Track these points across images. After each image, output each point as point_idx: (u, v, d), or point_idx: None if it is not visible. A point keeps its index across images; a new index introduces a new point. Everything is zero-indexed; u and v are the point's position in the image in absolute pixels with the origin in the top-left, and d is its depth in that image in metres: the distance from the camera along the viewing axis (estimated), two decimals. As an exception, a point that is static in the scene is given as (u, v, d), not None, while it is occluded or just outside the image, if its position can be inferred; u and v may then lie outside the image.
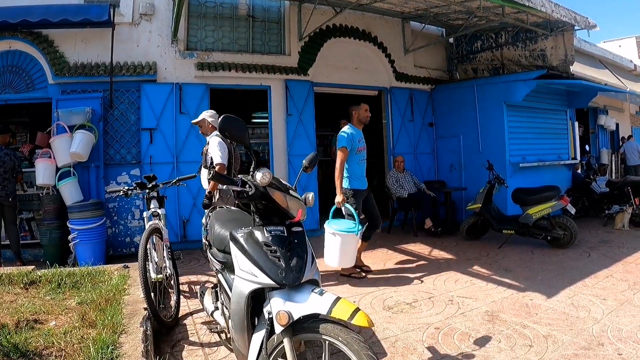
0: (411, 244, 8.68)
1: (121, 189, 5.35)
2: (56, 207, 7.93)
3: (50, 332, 3.60)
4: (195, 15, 9.39)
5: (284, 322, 2.38)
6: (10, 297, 4.68)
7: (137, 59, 8.77)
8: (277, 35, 10.11)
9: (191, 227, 8.79)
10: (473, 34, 11.56)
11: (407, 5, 9.74)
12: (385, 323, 4.61)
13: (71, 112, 8.02)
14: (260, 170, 2.57)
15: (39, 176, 7.80)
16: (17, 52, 8.37)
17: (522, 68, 10.75)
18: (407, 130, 11.31)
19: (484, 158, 9.30)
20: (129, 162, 8.60)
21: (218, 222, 3.47)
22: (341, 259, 5.97)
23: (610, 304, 5.00)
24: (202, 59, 9.18)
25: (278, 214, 2.72)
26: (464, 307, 5.06)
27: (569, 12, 8.43)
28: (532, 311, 4.85)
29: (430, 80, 11.92)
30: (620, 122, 16.96)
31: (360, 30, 10.83)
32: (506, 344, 4.00)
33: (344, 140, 6.54)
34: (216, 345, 4.12)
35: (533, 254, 7.59)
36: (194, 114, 8.71)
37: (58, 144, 7.87)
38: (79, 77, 8.28)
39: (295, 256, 2.60)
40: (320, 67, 10.22)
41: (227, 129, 2.62)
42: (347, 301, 2.43)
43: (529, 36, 10.39)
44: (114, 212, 8.52)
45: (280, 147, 9.74)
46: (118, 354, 3.20)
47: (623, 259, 7.01)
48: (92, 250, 7.59)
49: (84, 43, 8.57)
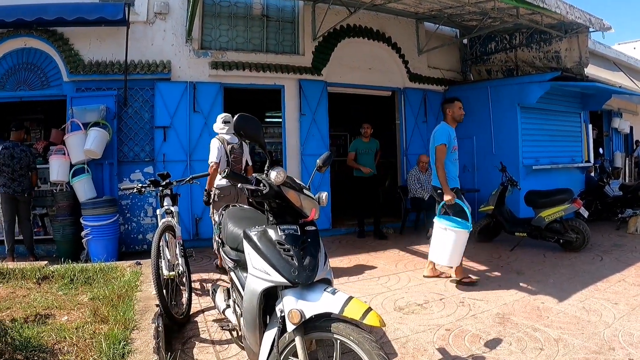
0: (423, 245, 8.62)
1: (135, 186, 5.38)
2: (70, 203, 7.99)
3: (62, 327, 3.64)
4: (210, 15, 9.43)
5: (296, 321, 2.38)
6: (23, 291, 4.73)
7: (152, 58, 8.83)
8: (291, 35, 10.13)
9: (204, 224, 8.83)
10: (487, 35, 11.50)
11: (421, 5, 9.71)
12: (396, 324, 4.61)
13: (86, 110, 8.09)
14: (275, 169, 2.58)
15: (53, 172, 7.88)
16: (32, 49, 8.45)
17: (536, 70, 10.69)
18: (421, 131, 11.27)
19: (497, 160, 9.25)
20: (143, 159, 8.66)
21: (231, 221, 3.49)
22: (452, 257, 5.81)
23: (622, 308, 4.96)
24: (216, 58, 9.22)
25: (292, 213, 2.72)
26: (475, 309, 5.05)
27: (583, 14, 8.37)
28: (544, 314, 4.82)
29: (444, 81, 11.88)
30: (634, 125, 16.79)
31: (374, 31, 10.82)
32: (517, 347, 3.98)
33: (444, 137, 6.14)
34: (227, 343, 4.14)
35: (545, 256, 7.55)
36: (208, 112, 8.80)
37: (72, 141, 7.94)
38: (94, 75, 8.35)
39: (309, 255, 2.61)
40: (334, 67, 10.22)
41: (242, 128, 2.63)
42: (359, 301, 2.43)
43: (543, 38, 10.33)
44: (126, 209, 8.58)
45: (293, 147, 9.77)
46: (130, 350, 3.23)
47: (636, 263, 6.95)
48: (104, 246, 7.65)
49: (99, 41, 8.63)
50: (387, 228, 10.51)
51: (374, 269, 7.05)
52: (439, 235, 5.87)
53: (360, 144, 9.59)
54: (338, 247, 8.70)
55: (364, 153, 9.46)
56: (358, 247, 8.67)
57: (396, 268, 7.06)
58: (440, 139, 6.12)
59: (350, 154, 9.50)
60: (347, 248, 8.67)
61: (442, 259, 5.88)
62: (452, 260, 5.86)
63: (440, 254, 5.86)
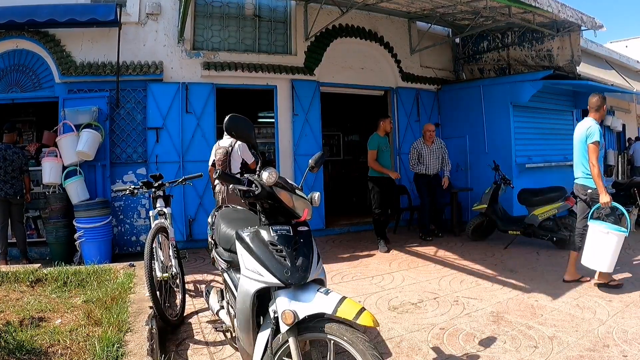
0: (417, 244, 8.67)
1: (128, 188, 5.37)
2: (62, 205, 7.96)
3: (55, 330, 3.62)
4: (202, 15, 9.41)
5: (289, 322, 2.37)
6: (16, 295, 4.70)
7: (144, 59, 8.80)
8: (283, 35, 10.13)
9: (197, 226, 8.82)
10: (479, 34, 11.53)
11: (413, 5, 9.72)
12: (390, 323, 4.61)
13: (78, 111, 8.06)
14: (267, 170, 2.57)
15: (46, 175, 7.85)
16: (23, 51, 8.42)
17: (529, 68, 10.72)
18: (414, 130, 11.28)
19: (490, 158, 9.29)
20: (135, 161, 8.64)
21: (224, 221, 3.48)
22: (612, 262, 5.27)
23: (616, 305, 4.98)
24: (208, 58, 9.21)
25: (284, 213, 2.72)
26: (469, 308, 5.05)
27: (575, 12, 8.39)
28: (538, 312, 4.84)
29: (437, 80, 11.91)
30: (626, 123, 16.88)
31: (366, 30, 10.84)
32: (511, 345, 3.99)
33: (597, 133, 5.55)
34: (221, 344, 4.13)
35: (539, 254, 7.58)
36: (200, 113, 8.81)
37: (65, 143, 7.91)
38: (86, 77, 8.33)
39: (301, 255, 2.60)
40: (326, 67, 10.23)
41: (233, 128, 2.62)
42: (352, 301, 2.42)
43: (535, 36, 10.36)
44: (119, 211, 8.55)
45: (286, 147, 9.77)
46: (123, 352, 3.22)
47: (629, 260, 7.00)
48: (98, 248, 7.63)
49: (91, 42, 8.61)
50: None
51: (367, 268, 7.06)
52: (599, 240, 5.29)
53: (381, 140, 8.55)
54: (332, 247, 8.71)
55: (385, 150, 8.60)
56: (352, 247, 8.67)
57: (390, 267, 7.06)
58: (594, 136, 5.55)
59: (372, 153, 8.41)
60: (341, 248, 8.68)
61: (602, 265, 5.31)
62: (611, 266, 5.34)
63: (600, 260, 5.29)
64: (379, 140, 8.50)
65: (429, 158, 9.11)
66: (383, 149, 8.51)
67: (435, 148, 9.17)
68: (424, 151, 9.15)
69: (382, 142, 8.54)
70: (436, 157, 9.19)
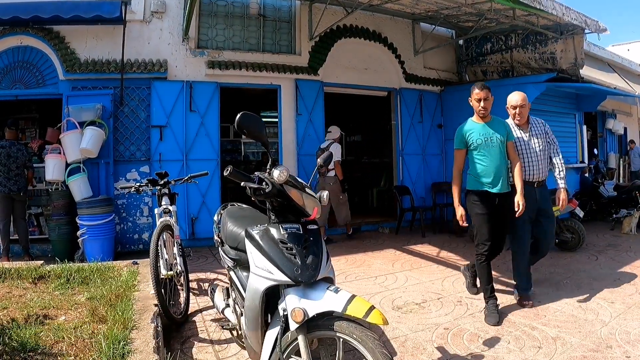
0: (419, 245, 8.68)
1: (132, 185, 5.35)
2: (65, 202, 7.96)
3: (60, 327, 3.62)
4: (207, 14, 9.42)
5: (299, 319, 2.38)
6: (19, 291, 4.70)
7: (148, 57, 8.81)
8: (287, 35, 10.13)
9: (200, 224, 8.82)
10: (483, 36, 11.53)
11: (417, 6, 9.72)
12: (395, 323, 4.61)
13: (81, 109, 8.07)
14: (278, 168, 2.57)
15: (49, 172, 7.84)
16: (28, 47, 8.42)
17: (532, 71, 10.71)
18: (416, 132, 11.30)
19: (493, 160, 9.26)
20: (139, 159, 8.64)
21: (230, 220, 3.48)
22: None
23: (618, 307, 4.98)
24: (212, 57, 9.21)
25: (294, 211, 2.72)
26: (473, 308, 5.06)
27: (579, 16, 8.39)
28: (541, 313, 4.84)
29: (440, 81, 11.92)
30: (628, 126, 16.88)
31: (370, 31, 10.84)
32: (515, 345, 3.99)
33: None
34: (226, 343, 4.14)
35: (541, 256, 7.58)
36: (204, 112, 8.80)
37: (68, 140, 7.91)
38: (90, 74, 8.33)
39: (311, 254, 2.60)
40: (330, 67, 10.24)
41: (244, 126, 2.60)
42: (362, 299, 2.43)
43: (539, 39, 10.35)
44: (122, 208, 8.56)
45: (289, 147, 9.78)
46: (130, 350, 3.21)
47: (630, 262, 6.98)
48: (100, 246, 7.63)
49: (95, 40, 8.61)
50: (382, 227, 10.55)
51: (370, 268, 7.06)
52: None
53: (475, 128, 5.03)
54: (334, 247, 8.70)
55: (484, 145, 4.94)
56: (355, 247, 8.68)
57: (393, 268, 7.06)
58: None
59: (460, 153, 5.15)
60: (344, 248, 8.68)
61: None
62: None
63: None
64: (469, 129, 5.07)
65: (528, 154, 5.34)
66: (480, 144, 4.96)
67: (535, 133, 5.45)
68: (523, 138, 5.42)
69: (478, 131, 5.00)
70: (540, 151, 5.39)
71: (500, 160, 4.97)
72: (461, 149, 5.14)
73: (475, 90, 5.06)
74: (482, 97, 4.99)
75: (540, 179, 5.38)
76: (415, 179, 11.17)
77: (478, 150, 4.99)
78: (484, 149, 4.96)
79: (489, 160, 4.95)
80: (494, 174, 4.95)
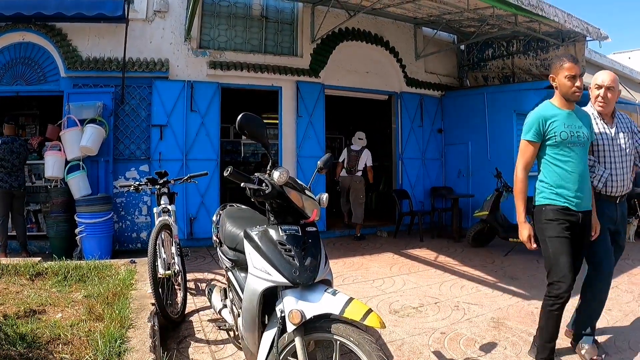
0: (417, 249, 8.68)
1: (132, 184, 5.36)
2: (64, 200, 7.96)
3: (56, 324, 3.61)
4: (209, 14, 9.43)
5: (296, 321, 2.38)
6: (16, 288, 4.69)
7: (150, 56, 8.81)
8: (289, 37, 10.15)
9: (198, 224, 8.82)
10: (484, 42, 11.56)
11: (420, 11, 9.74)
12: (392, 326, 4.61)
13: (82, 106, 8.07)
14: (278, 169, 2.57)
15: (48, 168, 7.83)
16: (30, 44, 8.42)
17: (533, 77, 10.73)
18: (416, 136, 11.32)
19: (492, 166, 9.28)
20: (138, 157, 8.64)
21: (229, 220, 3.49)
22: None
23: (615, 314, 4.97)
24: (214, 57, 9.22)
25: (293, 213, 2.72)
26: (470, 313, 5.06)
27: (581, 23, 8.40)
28: (538, 319, 4.84)
29: (441, 86, 11.94)
30: (628, 134, 16.90)
31: (372, 35, 10.86)
32: (512, 351, 3.99)
33: None
34: (222, 343, 4.13)
35: (539, 262, 7.56)
36: (205, 112, 8.81)
37: (68, 137, 7.91)
38: (91, 72, 8.34)
39: (310, 256, 2.60)
40: (331, 70, 10.25)
41: (245, 127, 2.59)
42: (359, 302, 2.43)
43: (540, 45, 10.37)
44: (121, 207, 8.55)
45: (289, 148, 9.78)
46: (126, 348, 3.21)
47: (628, 270, 6.98)
48: (98, 244, 7.62)
49: (97, 38, 8.61)
50: (381, 231, 10.56)
51: (368, 272, 7.06)
52: None
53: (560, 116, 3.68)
54: (332, 250, 8.69)
55: (569, 141, 3.61)
56: (352, 250, 8.69)
57: (391, 271, 7.06)
58: None
59: (531, 148, 3.79)
60: (342, 251, 8.68)
61: None
62: None
63: None
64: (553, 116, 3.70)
65: (612, 156, 3.97)
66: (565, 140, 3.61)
67: (622, 129, 4.09)
68: (605, 131, 4.00)
69: (563, 121, 3.65)
70: (627, 153, 4.04)
71: (585, 165, 3.69)
72: (535, 141, 3.72)
73: (566, 64, 3.62)
74: (577, 73, 3.60)
75: (625, 191, 4.02)
76: (414, 183, 11.18)
77: (560, 147, 3.62)
78: (568, 147, 3.59)
79: (574, 164, 3.60)
80: (578, 182, 3.60)
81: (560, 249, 3.57)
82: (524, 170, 3.87)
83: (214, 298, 3.87)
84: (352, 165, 10.00)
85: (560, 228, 3.62)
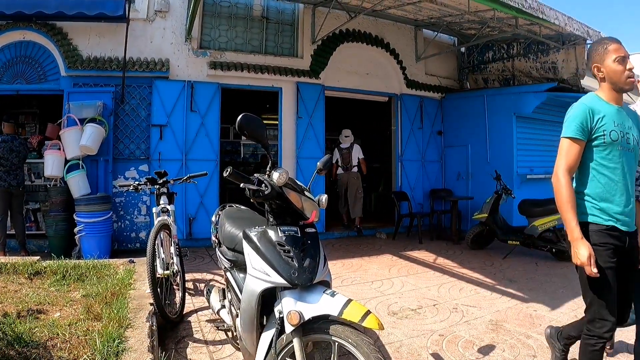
0: (416, 251, 8.68)
1: (131, 184, 5.36)
2: (63, 199, 7.95)
3: (55, 323, 3.60)
4: (210, 14, 9.43)
5: (295, 322, 2.37)
6: (14, 286, 4.69)
7: (150, 56, 8.82)
8: (290, 38, 10.15)
9: (197, 225, 8.81)
10: (485, 44, 11.56)
11: (420, 13, 9.76)
12: (390, 328, 4.61)
13: (82, 105, 8.07)
14: (277, 170, 2.56)
15: (48, 167, 7.83)
16: (30, 42, 8.42)
17: (533, 80, 10.75)
18: (416, 138, 11.33)
19: (492, 168, 9.30)
20: (138, 157, 8.64)
21: (228, 221, 3.48)
22: None
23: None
24: (214, 58, 9.22)
25: (292, 214, 2.71)
26: (468, 316, 5.06)
27: (581, 26, 8.41)
28: (536, 322, 4.84)
29: (441, 88, 11.95)
30: (628, 138, 16.91)
31: (372, 36, 10.86)
32: (510, 354, 3.99)
33: None
34: (220, 344, 4.13)
35: (537, 265, 7.58)
36: (205, 112, 8.81)
37: (68, 136, 7.90)
38: (92, 71, 8.35)
39: (309, 257, 2.60)
40: (331, 71, 10.25)
41: (245, 127, 2.58)
42: (358, 303, 2.42)
43: (540, 48, 10.39)
44: (120, 206, 8.55)
45: (289, 149, 9.78)
46: (124, 348, 3.19)
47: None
48: (97, 243, 7.61)
49: (98, 37, 8.62)
50: (380, 232, 10.57)
51: (367, 273, 7.05)
52: None
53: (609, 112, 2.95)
54: (331, 251, 8.70)
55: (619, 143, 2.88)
56: (351, 252, 8.68)
57: (389, 273, 7.06)
58: None
59: (576, 146, 2.95)
60: (341, 252, 8.68)
61: None
62: None
63: None
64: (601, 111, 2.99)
65: None
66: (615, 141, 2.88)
67: None
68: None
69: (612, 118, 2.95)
70: None
71: (633, 175, 2.99)
72: (581, 139, 2.93)
73: (612, 45, 2.98)
74: (627, 55, 2.94)
75: None
76: (413, 185, 11.19)
77: (608, 150, 2.89)
78: (618, 150, 2.87)
79: (621, 172, 2.89)
80: (625, 195, 2.89)
81: (606, 281, 2.80)
82: (567, 173, 2.92)
83: (212, 298, 3.86)
84: (347, 162, 10.66)
85: (606, 255, 2.82)
